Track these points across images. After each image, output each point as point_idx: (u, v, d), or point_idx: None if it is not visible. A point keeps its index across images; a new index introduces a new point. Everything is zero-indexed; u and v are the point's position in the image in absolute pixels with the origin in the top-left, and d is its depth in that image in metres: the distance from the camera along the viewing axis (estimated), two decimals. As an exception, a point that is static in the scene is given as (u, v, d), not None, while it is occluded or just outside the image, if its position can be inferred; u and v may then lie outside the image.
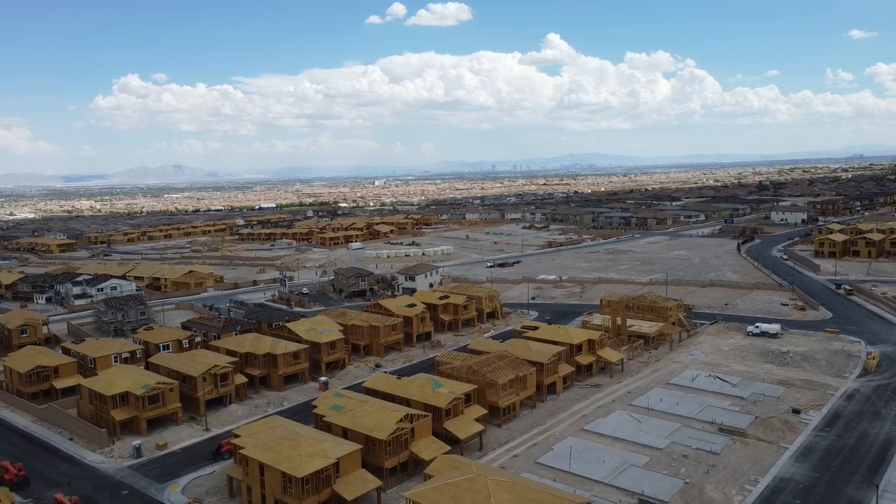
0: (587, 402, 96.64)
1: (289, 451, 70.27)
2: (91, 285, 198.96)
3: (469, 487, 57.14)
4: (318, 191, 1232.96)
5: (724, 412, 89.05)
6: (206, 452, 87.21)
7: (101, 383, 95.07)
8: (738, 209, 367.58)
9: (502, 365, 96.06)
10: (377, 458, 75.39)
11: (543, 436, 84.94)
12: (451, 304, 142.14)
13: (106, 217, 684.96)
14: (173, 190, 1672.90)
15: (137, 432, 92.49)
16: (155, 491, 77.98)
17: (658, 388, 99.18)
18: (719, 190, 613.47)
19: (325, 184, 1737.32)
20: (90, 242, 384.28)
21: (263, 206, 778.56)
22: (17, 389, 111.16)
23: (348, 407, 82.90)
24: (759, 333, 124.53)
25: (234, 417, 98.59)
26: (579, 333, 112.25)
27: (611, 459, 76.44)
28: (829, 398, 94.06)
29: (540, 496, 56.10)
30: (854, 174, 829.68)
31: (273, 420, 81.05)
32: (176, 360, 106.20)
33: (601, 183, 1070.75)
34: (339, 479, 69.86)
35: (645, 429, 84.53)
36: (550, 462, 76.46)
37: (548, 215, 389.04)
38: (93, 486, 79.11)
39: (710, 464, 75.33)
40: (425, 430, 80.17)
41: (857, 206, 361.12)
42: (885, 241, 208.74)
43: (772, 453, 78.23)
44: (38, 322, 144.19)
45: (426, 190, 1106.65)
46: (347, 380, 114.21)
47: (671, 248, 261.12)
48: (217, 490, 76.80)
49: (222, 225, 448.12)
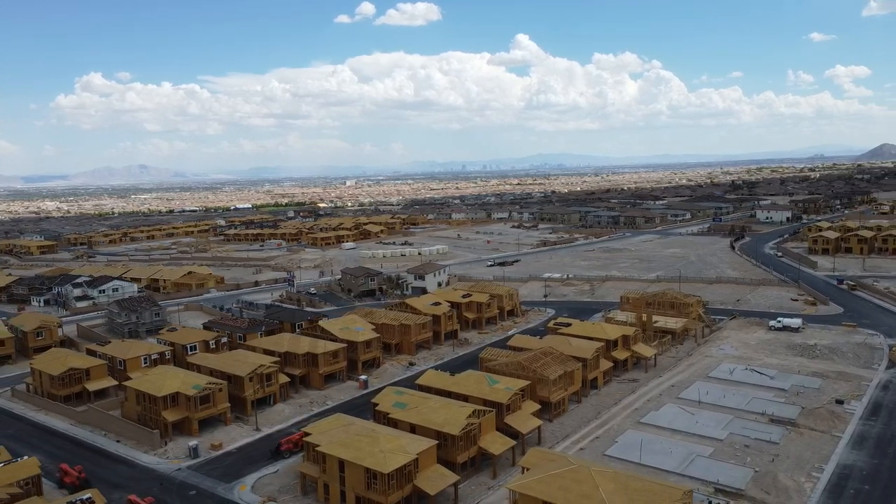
0: (635, 395, 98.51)
1: (369, 447, 70.59)
2: (92, 287, 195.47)
3: (574, 478, 58.24)
4: (290, 191, 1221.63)
5: (772, 403, 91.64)
6: (263, 452, 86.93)
7: (149, 384, 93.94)
8: (721, 208, 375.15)
9: (550, 361, 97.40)
10: (449, 453, 76.09)
11: (603, 429, 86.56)
12: (474, 302, 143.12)
13: (77, 218, 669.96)
14: (139, 190, 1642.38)
15: (189, 433, 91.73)
16: (223, 490, 77.62)
17: (700, 381, 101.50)
18: (695, 189, 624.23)
19: (295, 184, 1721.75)
20: (70, 244, 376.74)
21: (239, 207, 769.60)
22: (47, 392, 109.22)
23: (412, 404, 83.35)
24: (780, 328, 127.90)
25: (282, 417, 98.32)
26: (615, 329, 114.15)
27: (677, 450, 78.28)
28: (865, 389, 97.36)
29: (643, 485, 57.47)
30: (822, 174, 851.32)
31: (340, 417, 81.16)
32: (218, 360, 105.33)
33: (575, 183, 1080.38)
34: (418, 475, 70.48)
35: (700, 420, 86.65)
36: (618, 454, 78.01)
37: (535, 215, 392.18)
38: (158, 488, 78.38)
39: (773, 453, 77.61)
40: (490, 426, 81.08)
41: (837, 204, 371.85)
42: (876, 238, 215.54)
43: (827, 442, 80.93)
44: (53, 325, 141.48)
45: (401, 190, 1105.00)
46: (385, 378, 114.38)
47: (665, 247, 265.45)
48: (288, 488, 76.70)
49: (204, 226, 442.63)
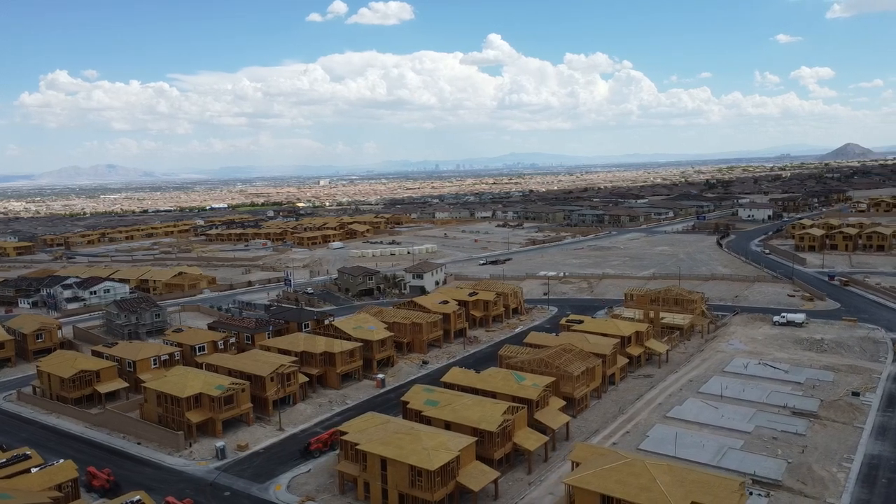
0: (656, 391, 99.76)
1: (411, 445, 70.61)
2: (83, 288, 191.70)
3: (630, 472, 58.94)
4: (263, 191, 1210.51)
5: (791, 396, 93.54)
6: (291, 452, 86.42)
7: (171, 385, 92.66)
8: (703, 206, 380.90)
9: (571, 357, 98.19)
10: (485, 449, 76.33)
11: (631, 424, 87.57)
12: (480, 300, 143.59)
13: (48, 218, 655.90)
14: (108, 190, 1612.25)
15: (212, 434, 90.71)
16: (257, 491, 77.02)
17: (717, 376, 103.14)
18: (671, 188, 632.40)
19: (268, 184, 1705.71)
20: (46, 245, 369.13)
21: (215, 207, 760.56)
22: (57, 395, 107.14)
23: (443, 401, 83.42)
24: (785, 323, 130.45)
25: (304, 417, 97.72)
26: (628, 326, 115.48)
27: (709, 443, 79.55)
28: (877, 381, 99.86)
29: (699, 477, 58.43)
30: (793, 173, 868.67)
31: (374, 416, 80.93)
32: (236, 360, 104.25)
33: (551, 182, 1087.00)
34: (460, 471, 70.63)
35: (725, 414, 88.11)
36: (651, 448, 78.96)
37: (520, 214, 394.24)
38: (190, 489, 77.41)
39: (801, 445, 79.26)
40: (522, 422, 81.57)
41: (815, 202, 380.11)
42: (860, 235, 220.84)
43: (851, 433, 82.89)
44: (53, 326, 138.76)
45: (377, 190, 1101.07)
46: (400, 377, 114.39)
47: (652, 245, 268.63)
48: (325, 487, 76.30)
49: (184, 226, 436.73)
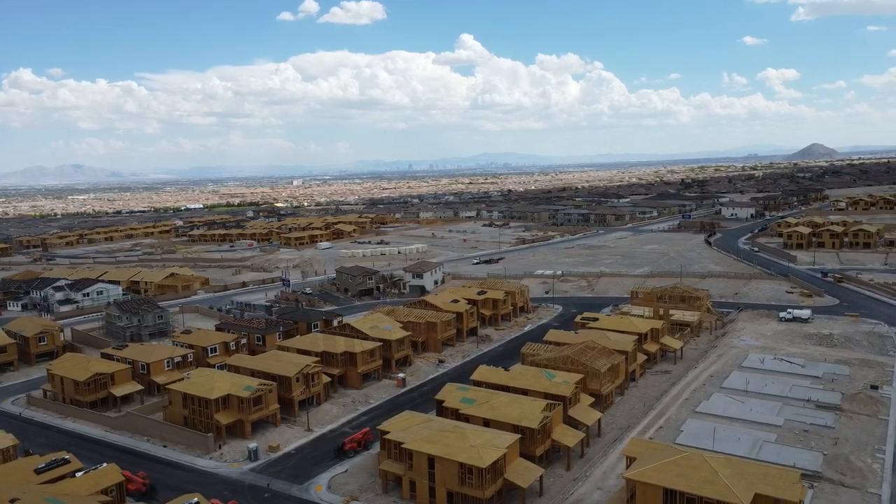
0: (679, 386, 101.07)
1: (458, 442, 70.70)
2: (75, 290, 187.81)
3: (690, 465, 59.71)
4: (237, 191, 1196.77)
5: (812, 390, 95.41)
6: (323, 452, 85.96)
7: (198, 387, 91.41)
8: (685, 205, 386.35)
9: (596, 354, 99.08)
10: (527, 446, 76.67)
11: (663, 419, 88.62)
12: (490, 299, 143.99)
13: (18, 220, 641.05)
14: (75, 191, 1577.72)
15: (241, 435, 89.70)
16: (297, 491, 76.50)
17: (736, 371, 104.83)
18: (649, 188, 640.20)
19: (240, 184, 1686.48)
20: (23, 246, 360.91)
21: (190, 207, 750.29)
22: (71, 398, 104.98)
23: (479, 399, 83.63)
24: (791, 319, 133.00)
25: (331, 417, 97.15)
26: (644, 323, 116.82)
27: (744, 437, 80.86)
28: (890, 375, 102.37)
29: (759, 469, 59.46)
30: (765, 172, 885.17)
31: (413, 415, 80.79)
32: (259, 361, 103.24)
33: (527, 182, 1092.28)
34: (507, 468, 70.90)
35: (753, 409, 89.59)
36: (688, 442, 79.81)
37: (505, 213, 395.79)
38: (228, 491, 76.51)
39: (833, 437, 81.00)
40: (559, 419, 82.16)
41: (795, 201, 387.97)
42: (847, 233, 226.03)
43: (877, 425, 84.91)
44: (55, 329, 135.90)
45: (353, 189, 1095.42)
46: (419, 376, 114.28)
47: (641, 243, 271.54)
48: (367, 487, 75.98)
49: (164, 227, 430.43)
